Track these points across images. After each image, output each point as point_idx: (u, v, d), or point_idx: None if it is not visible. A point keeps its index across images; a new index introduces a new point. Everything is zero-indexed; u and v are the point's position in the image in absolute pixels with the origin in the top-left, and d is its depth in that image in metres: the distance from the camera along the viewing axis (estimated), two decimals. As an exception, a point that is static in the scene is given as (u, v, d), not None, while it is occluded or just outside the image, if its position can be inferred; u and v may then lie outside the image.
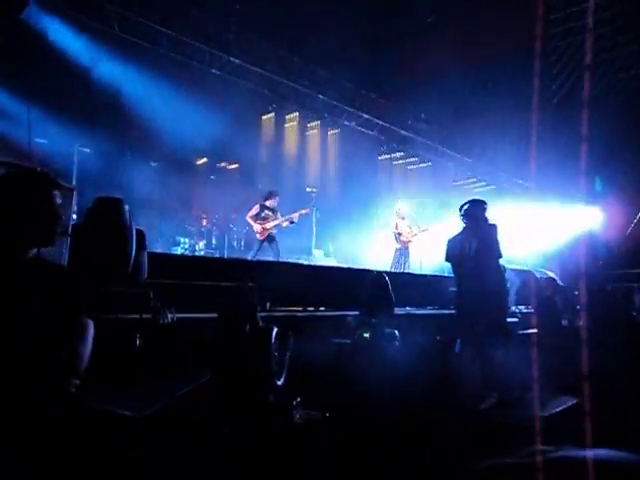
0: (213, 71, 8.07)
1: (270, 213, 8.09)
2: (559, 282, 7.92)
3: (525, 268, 9.97)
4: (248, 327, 2.86)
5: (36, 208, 1.79)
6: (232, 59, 8.12)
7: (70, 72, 7.96)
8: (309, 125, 10.32)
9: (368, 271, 5.77)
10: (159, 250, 8.64)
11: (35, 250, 1.86)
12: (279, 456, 2.37)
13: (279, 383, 2.63)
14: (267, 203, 8.12)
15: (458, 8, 15.09)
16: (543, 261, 11.48)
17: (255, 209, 8.11)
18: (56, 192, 1.87)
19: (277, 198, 8.19)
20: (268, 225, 8.05)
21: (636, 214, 12.09)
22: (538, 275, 8.81)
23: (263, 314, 3.26)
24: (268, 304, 4.46)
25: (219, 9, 8.01)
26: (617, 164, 11.94)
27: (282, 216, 8.15)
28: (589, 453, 0.69)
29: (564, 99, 13.64)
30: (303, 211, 8.16)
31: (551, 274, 9.16)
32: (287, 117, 10.07)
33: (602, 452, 0.68)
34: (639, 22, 12.65)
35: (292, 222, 8.11)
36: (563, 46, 13.62)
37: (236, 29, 8.07)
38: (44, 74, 6.95)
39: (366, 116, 10.56)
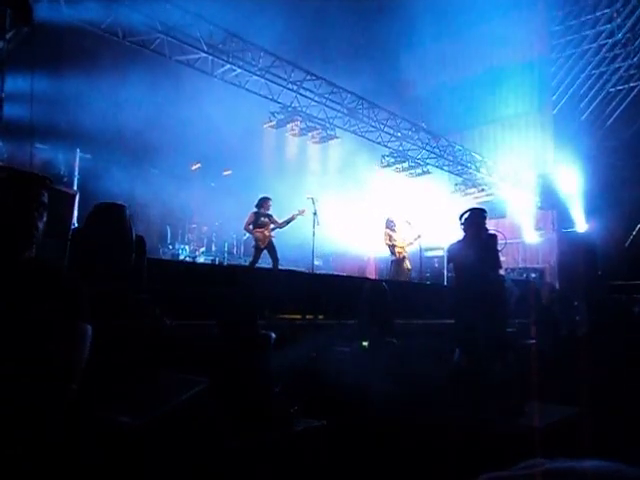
0: (215, 79, 8.12)
1: (266, 219, 8.11)
2: (559, 292, 7.91)
3: (524, 278, 9.97)
4: (247, 334, 2.85)
5: (8, 205, 1.78)
6: (234, 67, 8.17)
7: (73, 76, 8.01)
8: (310, 133, 10.37)
9: (367, 279, 5.77)
10: (159, 256, 8.65)
11: (32, 251, 1.85)
12: (278, 464, 2.35)
13: (277, 391, 2.62)
14: (261, 210, 8.13)
15: (457, 21, 15.26)
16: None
17: (251, 217, 8.11)
18: (43, 192, 1.85)
19: (269, 203, 8.20)
20: (267, 231, 8.07)
21: (635, 226, 12.11)
22: (538, 285, 8.81)
23: (262, 322, 3.25)
24: (267, 312, 4.45)
25: (222, 17, 8.08)
26: (617, 175, 11.97)
27: (279, 219, 8.20)
28: (588, 464, 0.68)
29: (563, 110, 13.70)
30: (299, 211, 8.22)
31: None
32: (288, 125, 10.12)
33: (600, 463, 0.67)
34: (638, 36, 12.75)
35: (290, 222, 8.18)
36: (563, 58, 13.71)
37: (238, 38, 8.12)
38: (47, 78, 6.99)
39: (368, 125, 10.61)
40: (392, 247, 9.14)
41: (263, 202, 8.15)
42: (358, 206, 11.75)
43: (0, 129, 5.81)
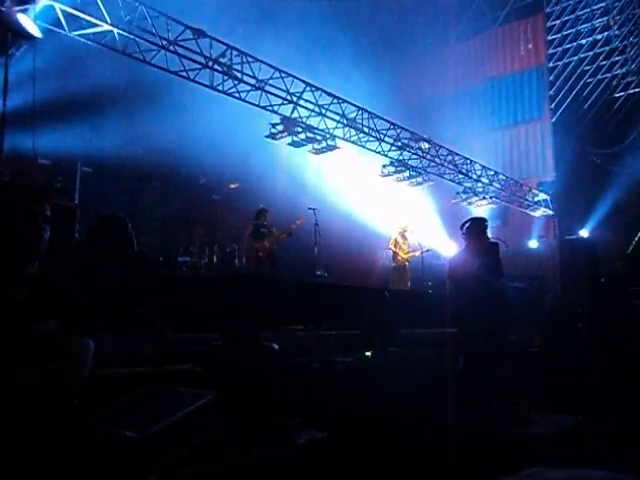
0: (216, 92, 8.16)
1: (266, 230, 8.23)
2: (561, 299, 7.88)
3: (526, 286, 9.93)
4: (249, 346, 2.85)
5: (12, 220, 1.77)
6: (235, 81, 8.22)
7: (74, 91, 8.07)
8: (310, 144, 10.40)
9: (369, 289, 5.76)
10: (161, 269, 8.65)
11: (35, 266, 1.86)
12: (280, 477, 2.34)
13: (280, 402, 2.61)
14: (260, 221, 8.25)
15: (456, 31, 15.41)
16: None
17: (250, 229, 8.24)
18: (46, 206, 1.85)
19: (267, 214, 8.33)
20: (268, 242, 8.16)
21: (637, 232, 12.09)
22: (540, 292, 8.78)
23: (264, 333, 3.25)
24: (269, 323, 4.44)
25: (222, 32, 8.15)
26: (617, 182, 11.97)
27: (278, 230, 8.31)
28: (587, 474, 0.68)
29: (562, 118, 13.76)
30: (298, 222, 8.32)
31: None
32: (289, 136, 10.14)
33: (596, 473, 0.67)
34: (635, 43, 12.84)
35: (290, 234, 8.31)
36: (561, 66, 13.79)
37: (238, 52, 8.18)
38: (49, 93, 7.05)
39: (368, 135, 10.64)
40: (395, 253, 9.11)
41: (260, 214, 8.28)
42: (359, 216, 11.77)
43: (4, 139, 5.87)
